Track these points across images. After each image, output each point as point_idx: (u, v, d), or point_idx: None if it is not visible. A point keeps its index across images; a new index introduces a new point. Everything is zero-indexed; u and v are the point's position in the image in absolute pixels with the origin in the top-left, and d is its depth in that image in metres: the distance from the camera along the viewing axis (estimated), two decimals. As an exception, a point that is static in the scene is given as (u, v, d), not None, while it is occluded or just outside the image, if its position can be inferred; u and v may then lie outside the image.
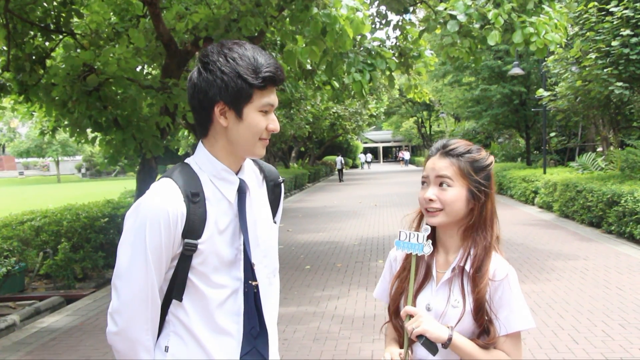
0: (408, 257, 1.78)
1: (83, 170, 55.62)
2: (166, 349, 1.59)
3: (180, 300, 1.58)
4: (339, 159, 36.81)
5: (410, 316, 1.64)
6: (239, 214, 1.62)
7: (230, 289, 1.60)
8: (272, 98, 1.58)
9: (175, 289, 1.57)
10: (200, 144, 1.64)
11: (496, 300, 1.64)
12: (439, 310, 1.67)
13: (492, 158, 1.75)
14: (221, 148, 1.61)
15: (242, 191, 1.64)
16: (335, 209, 17.27)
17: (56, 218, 8.39)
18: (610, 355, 4.54)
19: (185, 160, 1.65)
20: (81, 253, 7.87)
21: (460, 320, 1.63)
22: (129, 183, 23.15)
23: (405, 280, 1.75)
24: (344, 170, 37.29)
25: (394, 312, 1.77)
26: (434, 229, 1.75)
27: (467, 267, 1.67)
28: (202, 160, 1.62)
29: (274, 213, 1.80)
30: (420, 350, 1.68)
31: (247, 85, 1.52)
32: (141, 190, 9.73)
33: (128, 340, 1.55)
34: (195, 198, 1.55)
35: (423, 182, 1.74)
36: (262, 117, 1.57)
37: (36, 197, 25.88)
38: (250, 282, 1.61)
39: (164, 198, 1.52)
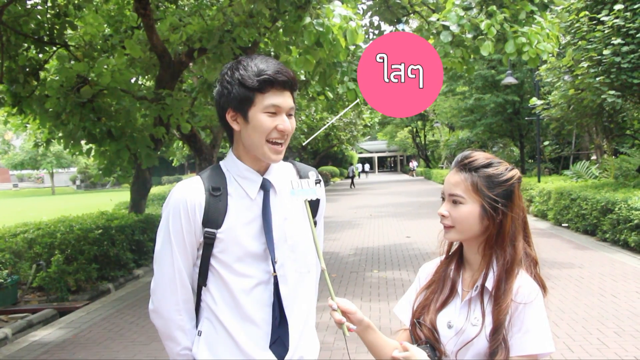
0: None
1: (78, 182, 55.39)
2: (199, 333, 1.76)
3: (205, 285, 1.75)
4: (352, 167, 39.60)
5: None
6: (262, 210, 1.75)
7: (257, 280, 1.72)
8: (278, 100, 1.71)
9: (200, 275, 1.75)
10: (229, 150, 1.86)
11: (514, 320, 1.55)
12: (459, 327, 1.61)
13: (513, 173, 1.64)
14: (242, 151, 1.79)
15: (265, 189, 1.78)
16: (330, 219, 17.26)
17: (49, 230, 8.32)
18: (605, 364, 4.54)
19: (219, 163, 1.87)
20: (75, 265, 7.81)
21: (476, 339, 1.57)
22: (120, 195, 23.03)
23: (433, 292, 1.71)
24: (355, 179, 39.80)
25: (415, 322, 1.70)
26: (460, 245, 1.71)
27: (489, 286, 1.60)
28: (229, 163, 1.83)
29: (315, 212, 1.90)
30: None
31: (247, 90, 1.69)
32: (135, 200, 9.71)
33: (162, 318, 1.76)
34: (216, 192, 1.74)
35: (442, 197, 1.69)
36: (267, 118, 1.70)
37: (30, 209, 25.74)
38: (273, 274, 1.73)
39: (186, 190, 1.74)
